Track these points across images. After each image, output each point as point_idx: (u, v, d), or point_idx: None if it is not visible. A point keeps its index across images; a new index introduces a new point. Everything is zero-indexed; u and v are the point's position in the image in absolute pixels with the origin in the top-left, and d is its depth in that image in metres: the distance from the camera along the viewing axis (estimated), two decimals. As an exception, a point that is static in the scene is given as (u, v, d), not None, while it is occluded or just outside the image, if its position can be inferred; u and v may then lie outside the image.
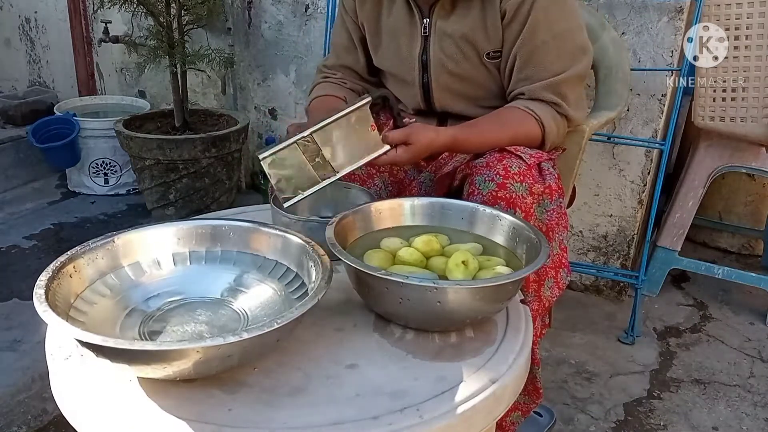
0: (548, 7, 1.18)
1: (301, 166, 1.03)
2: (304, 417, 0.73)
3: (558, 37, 1.20)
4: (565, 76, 1.21)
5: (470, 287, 0.84)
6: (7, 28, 3.44)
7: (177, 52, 2.39)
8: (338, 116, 1.03)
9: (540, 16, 1.17)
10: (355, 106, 1.03)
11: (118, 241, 0.91)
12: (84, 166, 2.77)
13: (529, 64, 1.21)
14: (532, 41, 1.19)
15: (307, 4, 2.47)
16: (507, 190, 1.07)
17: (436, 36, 1.26)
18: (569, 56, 1.21)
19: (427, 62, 1.29)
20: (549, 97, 1.22)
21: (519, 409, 1.20)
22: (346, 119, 1.03)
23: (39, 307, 0.73)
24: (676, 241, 2.09)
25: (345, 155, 1.05)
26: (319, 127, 1.02)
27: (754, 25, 1.75)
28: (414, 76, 1.32)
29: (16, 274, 2.14)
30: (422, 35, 1.28)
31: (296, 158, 1.03)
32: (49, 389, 0.82)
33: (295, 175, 1.03)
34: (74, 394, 0.76)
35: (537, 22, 1.18)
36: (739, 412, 1.65)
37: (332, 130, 1.03)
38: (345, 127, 1.03)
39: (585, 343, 1.91)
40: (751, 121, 1.83)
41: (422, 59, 1.30)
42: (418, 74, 1.31)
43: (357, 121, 1.04)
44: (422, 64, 1.30)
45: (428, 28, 1.27)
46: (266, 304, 0.90)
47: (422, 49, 1.29)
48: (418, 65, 1.30)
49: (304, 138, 1.02)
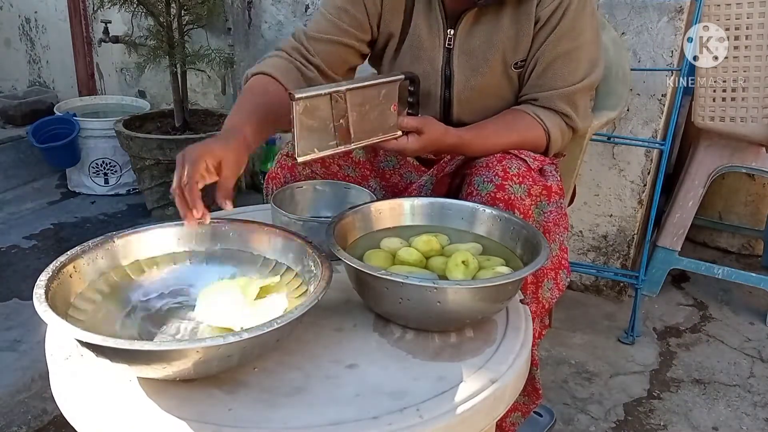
0: (577, 17, 1.17)
1: (326, 122, 0.99)
2: (303, 417, 0.73)
3: (579, 48, 1.19)
4: (580, 86, 1.20)
5: (470, 287, 0.84)
6: (7, 28, 3.44)
7: (177, 52, 2.39)
8: (373, 82, 1.01)
9: (568, 25, 1.17)
10: (388, 79, 1.02)
11: (118, 241, 0.91)
12: (84, 166, 2.77)
13: (548, 71, 1.20)
14: (555, 49, 1.18)
15: (307, 4, 2.47)
16: (505, 191, 1.07)
17: (460, 49, 1.22)
18: (586, 67, 1.21)
19: (450, 77, 1.24)
20: (562, 108, 1.21)
21: (519, 409, 1.19)
22: (377, 89, 1.01)
23: (39, 307, 0.73)
24: (676, 241, 2.09)
25: (364, 126, 1.02)
26: (355, 86, 0.99)
27: (754, 25, 1.75)
28: (436, 91, 1.26)
29: (16, 274, 2.14)
30: (445, 47, 1.22)
31: (325, 112, 0.98)
32: (49, 389, 0.82)
33: (317, 130, 0.99)
34: (74, 394, 0.76)
35: (564, 31, 1.17)
36: (739, 412, 1.65)
37: (363, 95, 1.00)
38: (374, 97, 1.01)
39: (585, 343, 1.91)
40: (751, 121, 1.83)
41: (445, 73, 1.24)
42: (441, 89, 1.26)
43: (384, 96, 1.02)
44: (445, 79, 1.25)
45: (452, 40, 1.21)
46: (266, 304, 0.90)
47: (445, 63, 1.23)
48: (441, 80, 1.25)
49: (338, 92, 0.98)
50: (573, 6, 1.16)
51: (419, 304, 0.84)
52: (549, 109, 1.21)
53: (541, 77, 1.21)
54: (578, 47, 1.19)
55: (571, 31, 1.17)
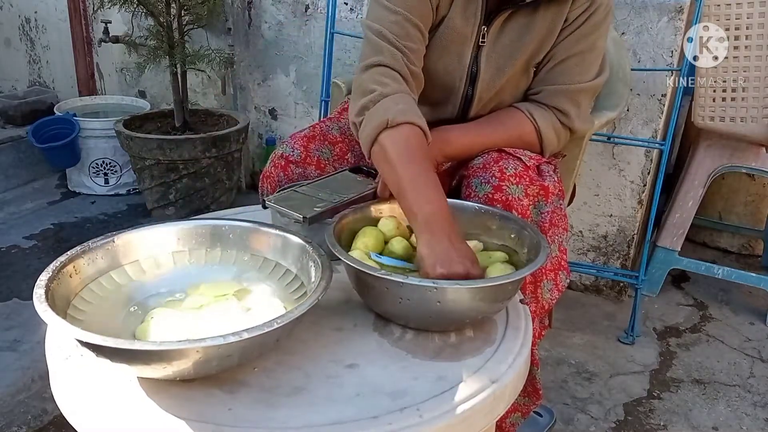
0: (601, 23, 1.18)
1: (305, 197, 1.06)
2: (303, 417, 0.73)
3: (592, 51, 1.20)
4: (586, 86, 1.21)
5: (470, 287, 0.84)
6: (7, 28, 3.44)
7: (177, 52, 2.39)
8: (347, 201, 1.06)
9: (588, 29, 1.17)
10: (351, 197, 1.06)
11: (118, 241, 0.91)
12: (84, 166, 2.77)
13: (556, 68, 1.20)
14: (571, 49, 1.18)
15: (307, 4, 2.48)
16: (503, 192, 1.07)
17: (491, 47, 1.19)
18: (593, 72, 1.22)
19: (476, 74, 1.21)
20: (560, 104, 1.21)
21: (519, 410, 1.19)
22: None
23: (39, 307, 0.73)
24: (676, 241, 2.09)
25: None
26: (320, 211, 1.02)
27: (754, 25, 1.75)
28: (459, 87, 1.23)
29: (16, 274, 2.14)
30: (477, 44, 1.19)
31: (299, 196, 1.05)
32: (49, 389, 0.82)
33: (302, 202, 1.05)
34: (74, 394, 0.76)
35: (584, 33, 1.17)
36: (739, 412, 1.65)
37: None
38: None
39: (585, 343, 1.91)
40: (751, 121, 1.83)
41: (471, 70, 1.21)
42: (465, 85, 1.23)
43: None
44: (470, 76, 1.21)
45: (485, 37, 1.18)
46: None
47: (473, 60, 1.20)
48: (467, 77, 1.22)
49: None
50: (601, 10, 1.17)
51: (419, 304, 0.84)
52: (543, 107, 1.21)
53: (550, 72, 1.21)
54: (593, 50, 1.20)
55: (591, 34, 1.18)
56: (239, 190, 2.73)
